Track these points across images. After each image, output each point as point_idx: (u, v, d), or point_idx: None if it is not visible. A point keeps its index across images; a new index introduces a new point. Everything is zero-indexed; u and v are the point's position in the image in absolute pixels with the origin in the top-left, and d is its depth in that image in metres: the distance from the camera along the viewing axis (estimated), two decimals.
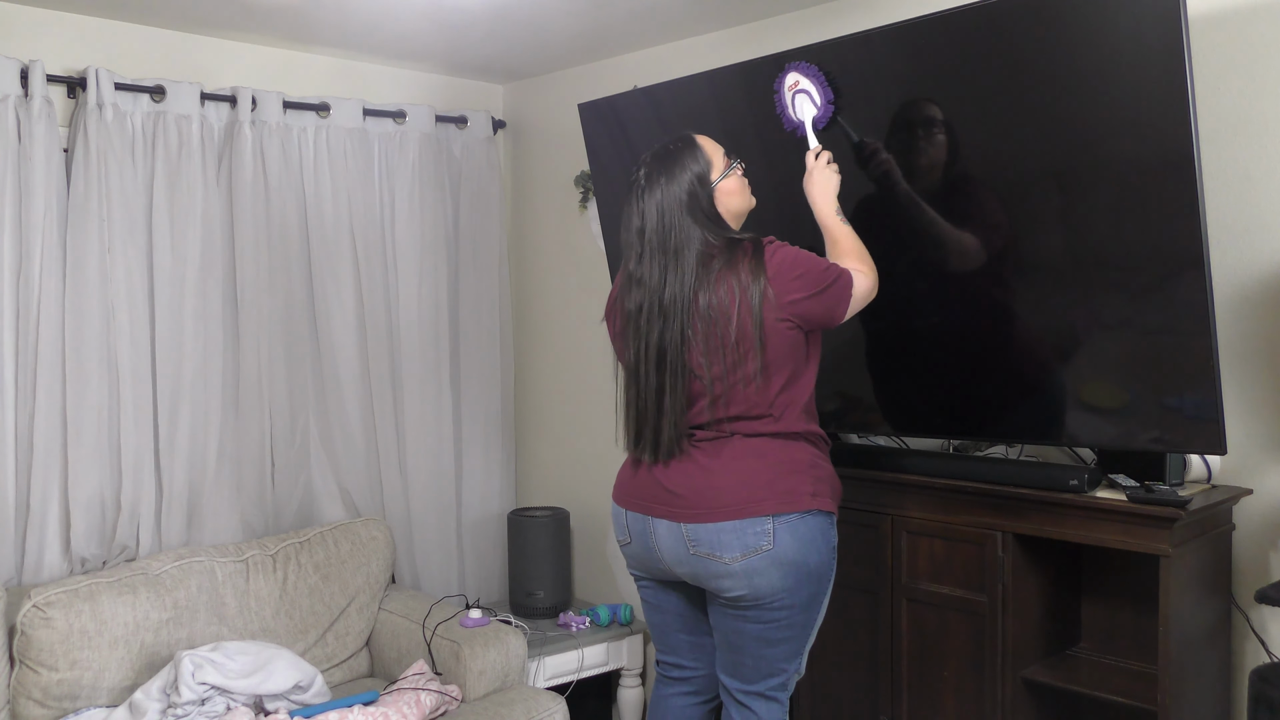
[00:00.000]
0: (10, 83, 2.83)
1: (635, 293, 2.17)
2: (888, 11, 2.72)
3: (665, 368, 2.13)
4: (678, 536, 2.16)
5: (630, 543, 2.28)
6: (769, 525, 2.09)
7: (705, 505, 2.12)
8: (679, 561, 2.18)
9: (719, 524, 2.10)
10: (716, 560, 2.11)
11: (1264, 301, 2.26)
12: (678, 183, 2.14)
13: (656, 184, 2.15)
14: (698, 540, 2.13)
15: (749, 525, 2.09)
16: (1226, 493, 2.24)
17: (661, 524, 2.18)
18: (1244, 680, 2.30)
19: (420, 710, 2.72)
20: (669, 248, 2.12)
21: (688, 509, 2.14)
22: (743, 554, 2.09)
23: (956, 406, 2.45)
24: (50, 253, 2.89)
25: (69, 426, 2.92)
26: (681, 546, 2.16)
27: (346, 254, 3.45)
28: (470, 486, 3.83)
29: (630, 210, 2.19)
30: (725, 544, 2.10)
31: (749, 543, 2.09)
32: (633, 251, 2.18)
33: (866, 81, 2.43)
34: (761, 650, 2.18)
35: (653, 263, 2.14)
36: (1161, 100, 1.97)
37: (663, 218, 2.13)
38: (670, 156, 2.17)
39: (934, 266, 2.40)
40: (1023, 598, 2.33)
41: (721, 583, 2.13)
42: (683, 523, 2.14)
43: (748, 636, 2.17)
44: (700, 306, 2.09)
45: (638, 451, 2.21)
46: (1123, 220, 2.10)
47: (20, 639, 2.60)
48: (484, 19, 3.10)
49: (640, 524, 2.23)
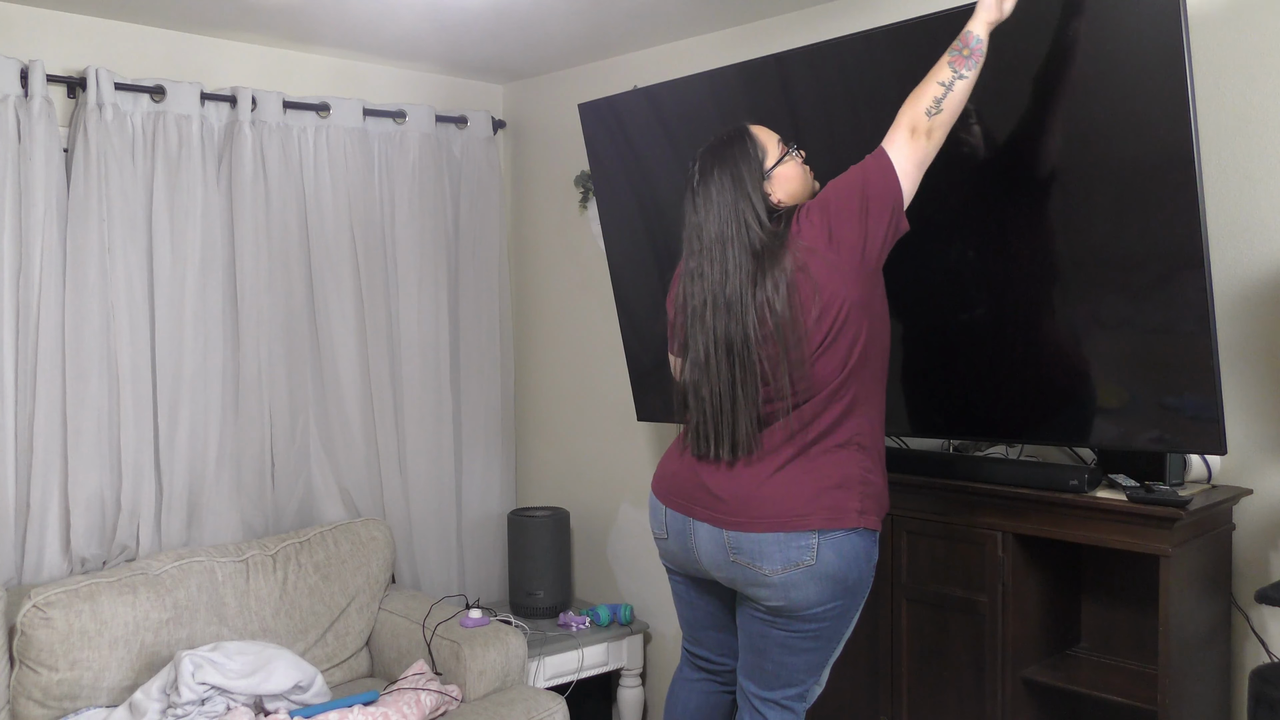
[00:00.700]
0: (10, 83, 2.83)
1: (697, 287, 2.12)
2: (888, 11, 2.72)
3: (735, 361, 2.07)
4: (719, 543, 2.12)
5: (667, 539, 2.24)
6: (813, 540, 2.04)
7: (749, 514, 2.07)
8: (717, 566, 2.15)
9: (762, 535, 2.06)
10: (756, 570, 2.08)
11: (1264, 301, 2.26)
12: (731, 175, 2.11)
13: (710, 178, 2.13)
14: (739, 549, 2.09)
15: (793, 539, 2.04)
16: (1226, 493, 2.24)
17: (703, 527, 2.14)
18: (1244, 680, 2.30)
19: (420, 710, 2.72)
20: (726, 241, 2.08)
21: (730, 516, 2.09)
22: (784, 567, 2.05)
23: (956, 406, 2.45)
24: (50, 253, 2.89)
25: (69, 426, 2.92)
26: (721, 552, 2.12)
27: (346, 254, 3.45)
28: (470, 486, 3.82)
29: (686, 206, 2.16)
30: (767, 555, 2.06)
31: (791, 556, 2.04)
32: (691, 246, 2.14)
33: (866, 81, 2.43)
34: (784, 657, 2.15)
35: (711, 258, 2.10)
36: (1161, 100, 1.97)
37: (719, 212, 2.10)
38: (723, 149, 2.15)
39: (933, 266, 2.40)
40: (1023, 598, 2.33)
41: (758, 591, 2.10)
42: (725, 529, 2.10)
43: (772, 642, 2.15)
44: (759, 301, 2.04)
45: (705, 447, 2.12)
46: (1123, 220, 2.10)
47: (20, 639, 2.60)
48: (484, 19, 3.10)
49: (680, 523, 2.19)
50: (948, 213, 2.37)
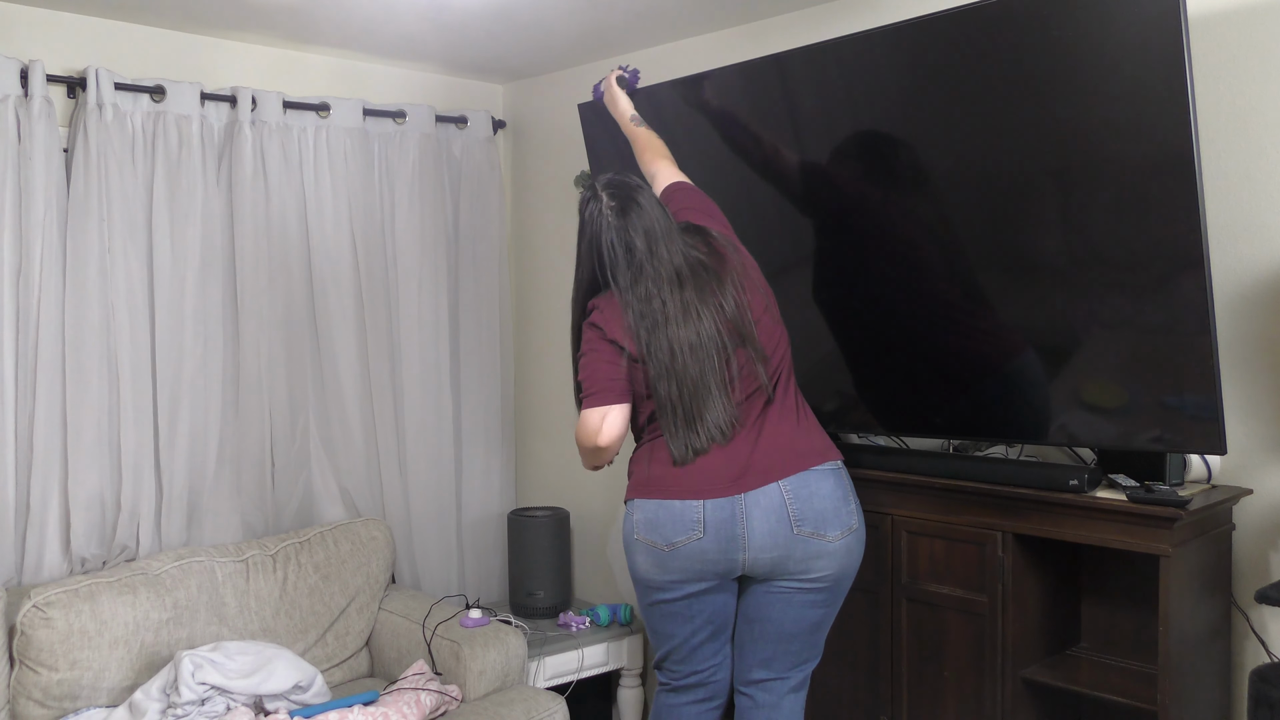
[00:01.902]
0: (10, 83, 2.83)
1: (647, 310, 2.20)
2: (888, 11, 2.72)
3: (702, 354, 2.17)
4: (780, 519, 2.16)
5: (702, 538, 2.17)
6: (853, 505, 2.23)
7: (799, 452, 2.20)
8: (774, 545, 2.17)
9: (820, 481, 2.18)
10: (821, 540, 2.17)
11: (1264, 301, 2.26)
12: (651, 204, 2.25)
13: (631, 210, 2.22)
14: (804, 519, 2.16)
15: (844, 504, 2.20)
16: (1226, 493, 2.24)
17: (758, 506, 2.16)
18: (1244, 680, 2.30)
19: (420, 710, 2.72)
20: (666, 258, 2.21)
21: (785, 462, 2.18)
22: (841, 533, 2.18)
23: (956, 406, 2.45)
24: (50, 253, 2.89)
25: (69, 426, 2.92)
26: (784, 528, 2.16)
27: (346, 254, 3.45)
28: (470, 486, 3.82)
29: (610, 237, 2.23)
30: (829, 522, 2.17)
31: (845, 521, 2.20)
32: (625, 275, 2.21)
33: (867, 81, 2.43)
34: (813, 635, 2.27)
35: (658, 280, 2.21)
36: (1161, 100, 1.97)
37: (649, 237, 2.22)
38: (625, 185, 2.28)
39: (935, 267, 2.40)
40: (1023, 598, 2.33)
41: (818, 563, 2.18)
42: (787, 477, 2.16)
43: (808, 623, 2.24)
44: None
45: (693, 439, 2.18)
46: (1123, 220, 2.10)
47: (20, 639, 2.60)
48: (484, 19, 3.10)
49: (724, 511, 2.17)
50: (948, 212, 2.37)
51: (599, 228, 2.23)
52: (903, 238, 2.44)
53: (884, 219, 2.47)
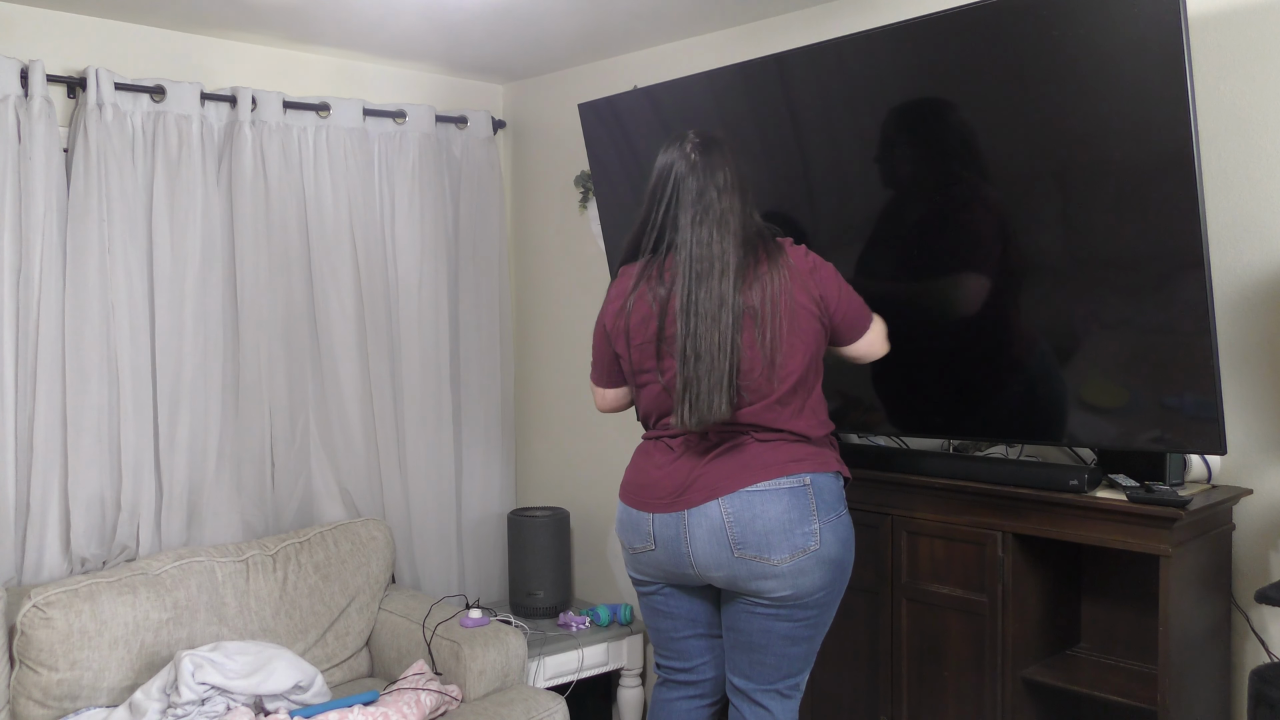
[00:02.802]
0: (10, 83, 2.83)
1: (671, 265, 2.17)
2: (888, 11, 2.72)
3: (726, 327, 2.08)
4: (719, 540, 2.10)
5: (654, 549, 2.20)
6: (815, 526, 2.08)
7: (746, 472, 2.10)
8: (717, 565, 2.12)
9: (768, 502, 2.06)
10: (763, 563, 2.08)
11: (1264, 301, 2.26)
12: (733, 168, 2.16)
13: (714, 153, 2.16)
14: (744, 542, 2.08)
15: (797, 526, 2.07)
16: (1226, 493, 2.24)
17: (700, 527, 2.11)
18: (1244, 680, 2.30)
19: (420, 710, 2.72)
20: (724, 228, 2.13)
21: (728, 481, 2.10)
22: (790, 555, 2.07)
23: (957, 406, 2.45)
24: (50, 253, 2.89)
25: (69, 426, 2.92)
26: (724, 550, 2.10)
27: (346, 254, 3.45)
28: (470, 486, 3.82)
29: (683, 169, 2.15)
30: (774, 545, 2.07)
31: (797, 543, 2.07)
32: (687, 214, 2.13)
33: (867, 81, 2.43)
34: (786, 649, 2.17)
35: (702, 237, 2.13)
36: (1161, 100, 1.97)
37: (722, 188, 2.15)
38: (714, 138, 2.20)
39: (936, 267, 2.40)
40: (1023, 598, 2.33)
41: (763, 584, 2.10)
42: (724, 496, 2.08)
43: (775, 635, 2.16)
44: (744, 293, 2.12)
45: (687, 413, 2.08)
46: (1123, 220, 2.10)
47: (20, 639, 2.60)
48: (484, 19, 3.10)
49: (670, 527, 2.15)
50: (948, 212, 2.37)
51: (672, 159, 2.17)
52: (903, 237, 2.44)
53: (884, 219, 2.47)
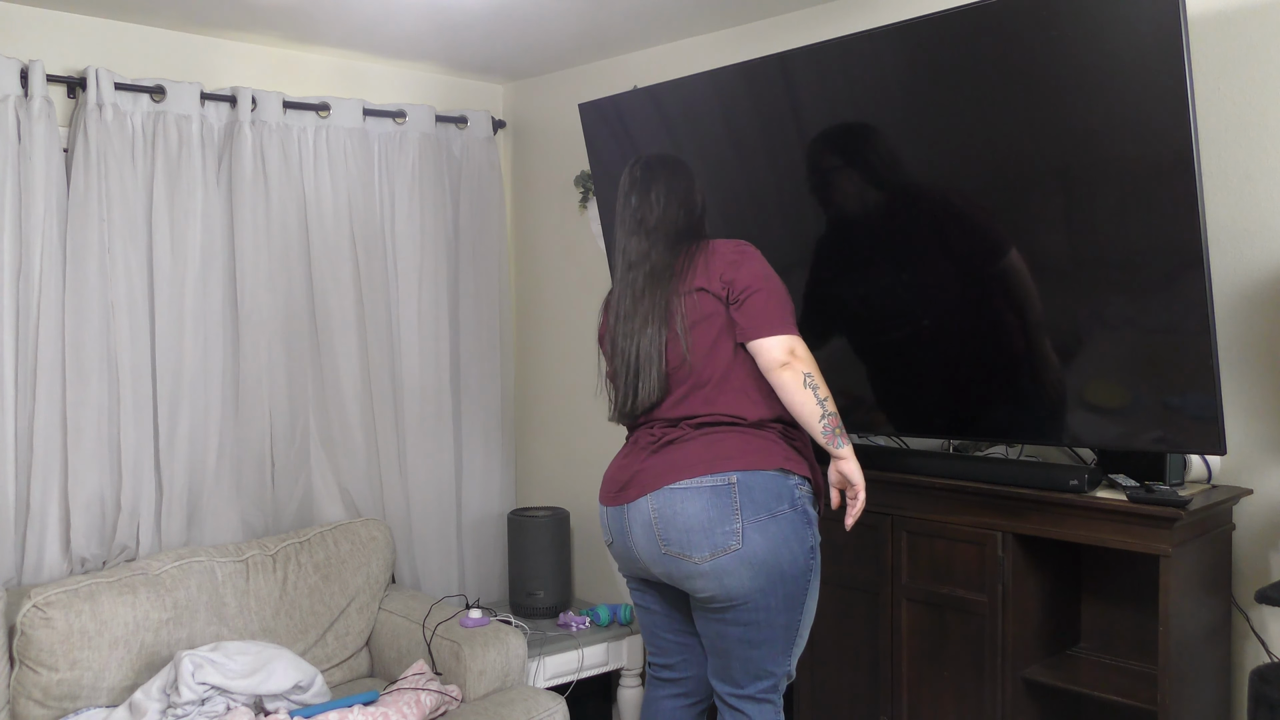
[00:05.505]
0: (10, 83, 2.83)
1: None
2: (888, 11, 2.72)
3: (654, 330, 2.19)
4: (650, 536, 2.15)
5: (613, 542, 2.28)
6: (737, 526, 2.07)
7: (673, 470, 2.13)
8: (654, 561, 2.18)
9: (688, 500, 2.09)
10: (687, 560, 2.11)
11: (1264, 301, 2.26)
12: (669, 182, 2.24)
13: (657, 177, 2.25)
14: (669, 539, 2.12)
15: (717, 525, 2.07)
16: (1226, 493, 2.24)
17: (636, 522, 2.17)
18: (1244, 680, 2.30)
19: (420, 710, 2.72)
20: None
21: (657, 479, 2.14)
22: (711, 554, 2.08)
23: (957, 406, 2.45)
24: (50, 253, 2.89)
25: (69, 426, 2.92)
26: (655, 546, 2.15)
27: (346, 254, 3.45)
28: (470, 486, 3.82)
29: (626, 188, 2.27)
30: (694, 544, 2.09)
31: (717, 542, 2.08)
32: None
33: (869, 81, 2.43)
34: (747, 652, 2.17)
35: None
36: (1161, 100, 1.97)
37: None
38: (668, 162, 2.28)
39: (937, 266, 2.40)
40: (1023, 598, 2.33)
41: (694, 583, 2.13)
42: (652, 492, 2.13)
43: (731, 639, 2.17)
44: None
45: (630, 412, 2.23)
46: (1124, 220, 2.10)
47: (20, 639, 2.60)
48: (484, 19, 3.10)
49: (618, 521, 2.22)
50: (948, 212, 2.37)
51: (622, 180, 2.28)
52: (904, 237, 2.44)
53: (884, 218, 2.47)
